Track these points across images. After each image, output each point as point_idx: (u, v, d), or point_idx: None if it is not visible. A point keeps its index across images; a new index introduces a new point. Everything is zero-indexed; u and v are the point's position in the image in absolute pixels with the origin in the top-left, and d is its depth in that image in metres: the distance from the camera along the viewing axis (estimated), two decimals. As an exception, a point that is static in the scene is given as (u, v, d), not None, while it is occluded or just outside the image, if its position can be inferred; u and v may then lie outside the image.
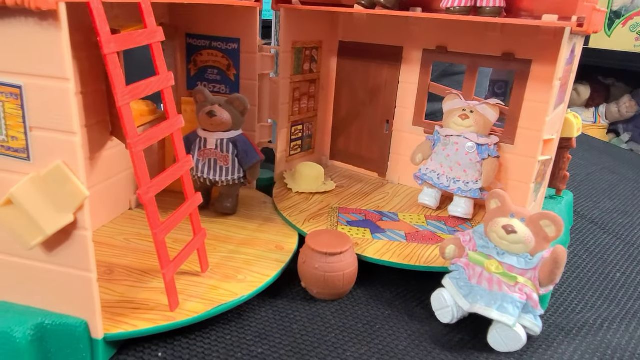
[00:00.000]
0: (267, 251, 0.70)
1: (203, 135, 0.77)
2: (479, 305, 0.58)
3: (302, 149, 1.01)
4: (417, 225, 0.80)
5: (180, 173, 0.55)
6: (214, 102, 0.76)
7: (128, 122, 0.46)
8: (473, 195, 0.81)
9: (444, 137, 0.82)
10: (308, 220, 0.79)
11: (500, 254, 0.59)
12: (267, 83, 0.90)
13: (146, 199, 0.49)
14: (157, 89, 0.51)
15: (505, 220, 0.59)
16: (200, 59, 0.88)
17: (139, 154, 0.48)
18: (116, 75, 0.44)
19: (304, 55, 0.93)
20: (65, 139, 0.43)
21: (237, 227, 0.77)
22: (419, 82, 0.90)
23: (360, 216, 0.82)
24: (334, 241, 0.65)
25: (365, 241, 0.73)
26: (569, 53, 0.66)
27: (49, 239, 0.46)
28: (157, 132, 0.51)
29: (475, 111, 0.80)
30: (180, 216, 0.56)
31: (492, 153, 0.80)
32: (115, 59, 0.45)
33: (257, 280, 0.62)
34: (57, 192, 0.44)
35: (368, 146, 1.00)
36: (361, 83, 0.97)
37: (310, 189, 0.89)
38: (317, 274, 0.63)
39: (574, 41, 0.67)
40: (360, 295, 0.68)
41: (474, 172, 0.81)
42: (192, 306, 0.56)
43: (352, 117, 1.01)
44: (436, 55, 0.88)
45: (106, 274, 0.61)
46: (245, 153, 0.77)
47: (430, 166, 0.85)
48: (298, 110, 0.96)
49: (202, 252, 0.62)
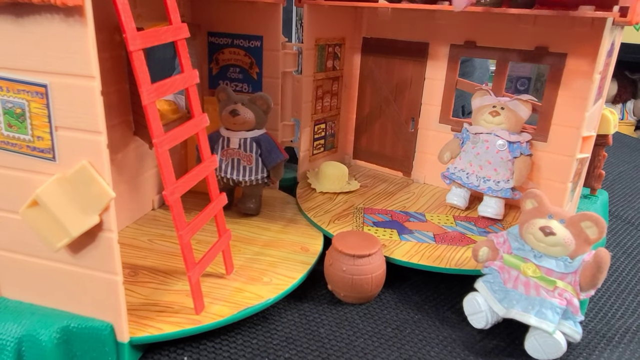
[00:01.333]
0: (292, 253, 0.68)
1: (226, 134, 0.76)
2: (515, 311, 0.56)
3: (325, 148, 0.99)
4: (446, 226, 0.77)
5: (205, 173, 0.54)
6: (237, 101, 0.75)
7: (154, 120, 0.45)
8: (504, 194, 0.78)
9: (473, 134, 0.80)
10: (333, 220, 0.77)
11: (537, 257, 0.57)
12: (289, 81, 0.88)
13: (172, 200, 0.48)
14: (182, 86, 0.50)
15: (543, 221, 0.57)
16: (222, 58, 0.87)
17: (164, 154, 0.47)
18: (142, 72, 0.43)
19: (327, 52, 0.91)
20: (91, 138, 0.42)
21: (260, 228, 0.75)
22: (446, 78, 0.88)
23: (386, 217, 0.79)
24: (362, 243, 0.63)
25: (392, 242, 0.71)
26: (609, 45, 0.62)
27: (75, 241, 0.45)
28: (182, 131, 0.50)
29: (506, 107, 0.77)
30: (206, 217, 0.54)
31: (524, 151, 0.77)
32: (141, 56, 0.43)
33: (282, 282, 0.61)
34: (83, 193, 0.43)
35: (392, 145, 0.98)
36: (385, 80, 0.95)
37: (334, 189, 0.88)
38: (344, 277, 0.61)
39: (615, 33, 0.64)
40: (389, 299, 0.66)
41: (505, 170, 0.78)
42: (218, 309, 0.55)
43: (376, 115, 0.98)
44: (464, 50, 0.85)
45: (130, 276, 0.61)
46: (268, 152, 0.76)
47: (458, 165, 0.82)
48: (321, 108, 0.94)
49: (227, 253, 0.60)
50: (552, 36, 0.76)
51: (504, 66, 0.82)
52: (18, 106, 0.43)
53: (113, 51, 0.64)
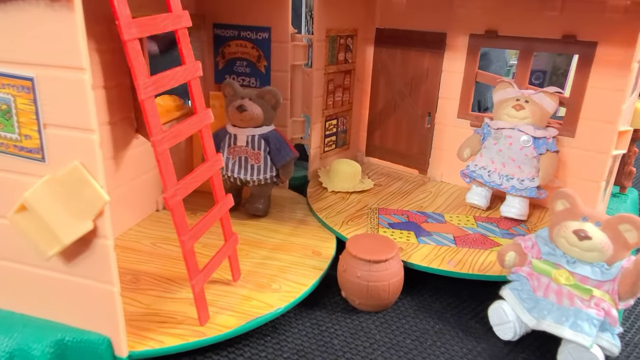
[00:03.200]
0: (303, 257, 0.64)
1: (233, 131, 0.72)
2: (547, 322, 0.51)
3: (337, 145, 0.95)
4: (466, 227, 0.73)
5: (209, 173, 0.50)
6: (244, 96, 0.71)
7: (151, 117, 0.41)
8: (529, 194, 0.73)
9: (495, 130, 0.75)
10: (346, 222, 0.72)
11: (570, 263, 0.52)
12: (299, 75, 0.84)
13: (172, 203, 0.44)
14: (184, 80, 0.46)
15: (576, 224, 0.52)
16: (229, 51, 0.83)
17: (164, 153, 0.43)
18: (137, 64, 0.39)
19: (338, 44, 0.86)
20: (83, 136, 0.38)
21: (269, 230, 0.71)
22: (465, 70, 0.83)
23: (403, 217, 0.75)
24: (378, 247, 0.59)
25: (410, 246, 0.66)
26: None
27: (68, 248, 0.41)
28: (184, 128, 0.46)
29: (530, 101, 0.72)
30: (211, 221, 0.51)
31: (550, 147, 0.72)
32: (136, 45, 0.39)
33: (293, 290, 0.57)
34: (75, 197, 0.39)
35: (407, 141, 0.93)
36: (400, 73, 0.90)
37: (347, 188, 0.83)
38: (359, 284, 0.57)
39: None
40: (407, 306, 0.61)
41: (529, 168, 0.73)
42: (224, 320, 0.51)
43: (390, 110, 0.94)
44: (485, 40, 0.80)
45: (131, 283, 0.57)
46: (277, 150, 0.72)
47: (479, 162, 0.77)
48: (332, 103, 0.90)
49: (234, 259, 0.56)
50: (580, 23, 0.70)
51: (527, 57, 0.77)
52: (3, 102, 0.39)
53: (113, 43, 0.60)
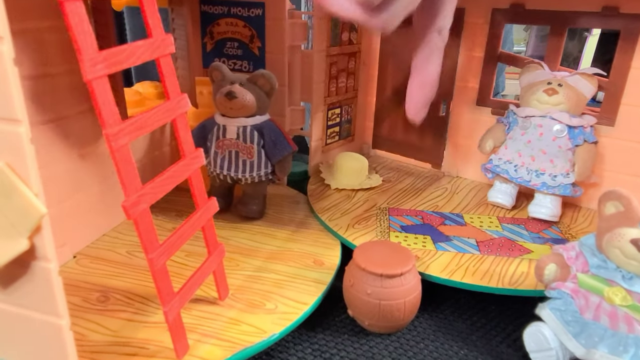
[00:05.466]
0: (303, 267, 0.55)
1: (221, 122, 0.62)
2: (600, 352, 0.42)
3: (340, 137, 0.85)
4: (490, 230, 0.63)
5: (186, 173, 0.41)
6: (234, 81, 0.61)
7: (103, 103, 0.32)
8: (563, 192, 0.63)
9: (522, 118, 0.65)
10: (352, 225, 0.63)
11: (627, 279, 0.43)
12: (298, 57, 0.74)
13: (135, 213, 0.35)
14: (149, 56, 0.37)
15: (634, 231, 0.42)
16: (218, 30, 0.73)
17: (121, 150, 0.33)
18: (79, 31, 0.30)
19: (342, 22, 0.76)
20: (7, 129, 0.29)
21: (264, 235, 0.62)
22: (486, 51, 0.73)
23: (417, 219, 0.66)
24: (391, 258, 0.50)
25: (427, 253, 0.57)
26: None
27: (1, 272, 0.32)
28: (150, 118, 0.37)
29: (565, 84, 0.63)
30: (189, 231, 0.41)
31: (588, 138, 0.62)
32: (77, 7, 0.30)
33: (291, 310, 0.48)
34: (2, 208, 0.30)
35: (419, 132, 0.83)
36: (411, 55, 0.80)
37: (352, 185, 0.74)
38: (369, 302, 0.48)
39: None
40: (425, 326, 0.52)
41: (563, 162, 0.63)
42: (207, 350, 0.42)
43: (400, 98, 0.84)
44: (510, 15, 0.70)
45: (99, 302, 0.48)
46: (273, 143, 0.62)
47: (504, 155, 0.68)
48: (335, 90, 0.80)
49: (220, 274, 0.47)
50: (624, -7, 0.61)
51: (560, 34, 0.67)
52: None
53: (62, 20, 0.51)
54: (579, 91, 0.62)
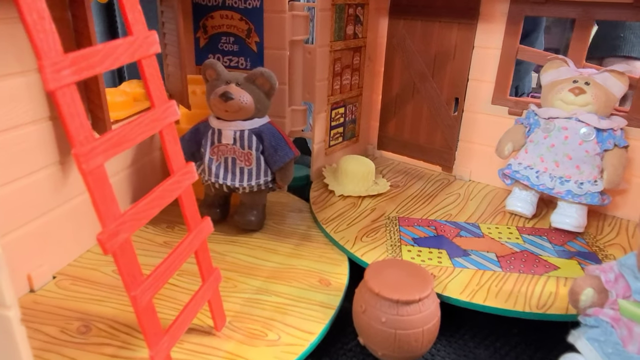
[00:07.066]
0: (308, 288, 0.50)
1: (216, 125, 0.57)
2: (648, 393, 0.37)
3: (344, 138, 0.80)
4: (510, 242, 0.58)
5: (175, 193, 0.35)
6: (230, 80, 0.55)
7: (71, 117, 0.26)
8: (590, 201, 0.58)
9: (545, 119, 0.60)
10: (360, 237, 0.58)
11: (677, 308, 0.37)
12: (299, 53, 0.68)
13: (113, 247, 0.29)
14: (129, 58, 0.31)
15: (685, 255, 0.37)
16: (212, 24, 0.67)
17: (94, 173, 0.28)
18: (38, 30, 0.24)
19: (346, 14, 0.70)
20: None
21: (264, 250, 0.57)
22: (504, 45, 0.67)
23: (429, 230, 0.61)
24: (407, 280, 0.44)
25: (443, 271, 0.52)
26: None
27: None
28: (132, 131, 0.31)
29: (592, 82, 0.57)
30: (179, 259, 0.36)
31: (619, 142, 0.57)
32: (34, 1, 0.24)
33: (295, 342, 0.42)
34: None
35: (428, 132, 0.78)
36: (420, 50, 0.75)
37: (359, 192, 0.69)
38: (384, 332, 0.43)
39: None
40: (443, 354, 0.47)
41: (591, 168, 0.58)
42: (201, 393, 0.37)
43: (408, 96, 0.78)
44: (530, 6, 0.64)
45: (80, 334, 0.43)
46: (273, 149, 0.57)
47: (524, 160, 0.62)
48: (339, 88, 0.74)
49: (216, 303, 0.42)
50: (660, -18, 0.55)
51: (586, 27, 0.61)
52: None
53: (53, 12, 0.44)
54: (608, 90, 0.57)
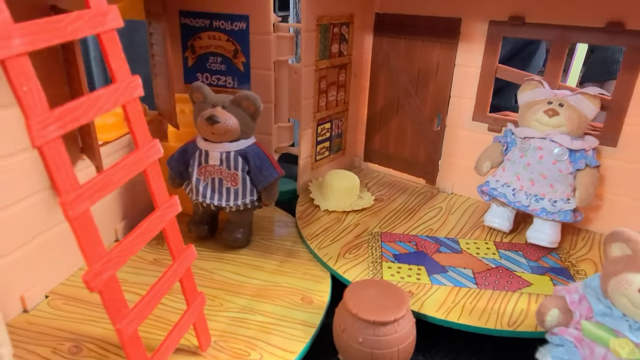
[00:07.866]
0: (291, 306, 0.52)
1: (204, 146, 0.58)
2: (607, 411, 0.39)
3: (331, 152, 0.82)
4: (487, 258, 0.61)
5: (159, 226, 0.37)
6: (216, 103, 0.57)
7: (57, 169, 0.28)
8: (563, 218, 0.60)
9: (521, 139, 0.62)
10: (342, 254, 0.60)
11: (634, 330, 0.40)
12: (285, 72, 0.70)
13: (98, 285, 0.31)
14: (114, 105, 0.33)
15: (643, 280, 0.40)
16: (200, 44, 0.69)
17: (80, 219, 0.30)
18: (24, 92, 0.26)
19: (331, 33, 0.72)
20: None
21: (251, 268, 0.59)
22: (483, 64, 0.69)
23: (410, 245, 0.63)
24: (385, 301, 0.47)
25: (421, 288, 0.54)
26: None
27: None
28: (116, 174, 0.33)
29: (566, 104, 0.59)
30: (163, 289, 0.38)
31: (590, 162, 0.59)
32: (22, 63, 0.26)
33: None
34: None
35: (412, 146, 0.80)
36: (404, 67, 0.76)
37: (343, 207, 0.71)
38: (361, 351, 0.45)
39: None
40: (419, 369, 0.50)
41: (564, 187, 0.60)
42: (186, 414, 0.39)
43: (392, 111, 0.80)
44: (508, 28, 0.66)
45: (70, 354, 0.45)
46: (259, 169, 0.59)
47: (502, 178, 0.64)
48: (325, 104, 0.76)
49: (201, 325, 0.44)
50: (630, 8, 0.57)
51: (561, 49, 0.63)
52: None
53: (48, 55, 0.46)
54: (581, 112, 0.59)
